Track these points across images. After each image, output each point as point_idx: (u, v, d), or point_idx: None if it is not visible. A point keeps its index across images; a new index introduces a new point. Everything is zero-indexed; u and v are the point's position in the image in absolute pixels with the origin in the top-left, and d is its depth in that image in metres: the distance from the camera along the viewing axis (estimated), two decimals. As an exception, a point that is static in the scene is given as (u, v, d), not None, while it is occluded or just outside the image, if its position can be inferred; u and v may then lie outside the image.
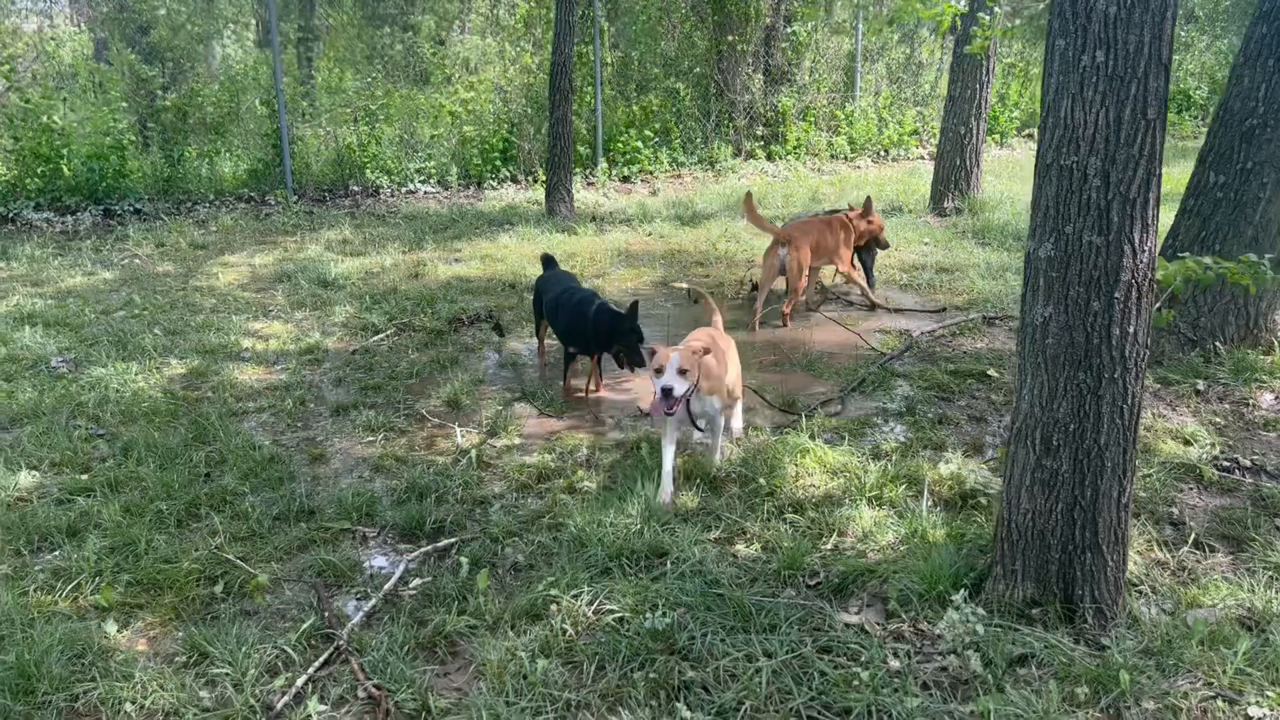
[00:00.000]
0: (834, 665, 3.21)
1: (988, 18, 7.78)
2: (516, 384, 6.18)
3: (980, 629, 3.29)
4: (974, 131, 11.06)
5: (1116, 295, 3.08)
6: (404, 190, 13.36)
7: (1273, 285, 5.71)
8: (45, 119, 11.62)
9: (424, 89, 15.61)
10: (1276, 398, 5.51)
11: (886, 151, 16.58)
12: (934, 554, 3.73)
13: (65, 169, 11.71)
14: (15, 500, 4.50)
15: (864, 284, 7.87)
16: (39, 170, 11.67)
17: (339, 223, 11.35)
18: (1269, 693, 2.99)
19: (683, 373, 4.37)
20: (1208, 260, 3.59)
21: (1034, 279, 3.23)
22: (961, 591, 3.47)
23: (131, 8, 13.88)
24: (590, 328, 5.70)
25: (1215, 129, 5.96)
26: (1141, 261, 3.07)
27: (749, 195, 7.80)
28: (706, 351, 4.60)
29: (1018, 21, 7.37)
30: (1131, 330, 3.12)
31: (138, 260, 9.52)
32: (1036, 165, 3.19)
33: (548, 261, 6.62)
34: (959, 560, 3.69)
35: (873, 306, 7.75)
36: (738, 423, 5.24)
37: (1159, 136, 3.01)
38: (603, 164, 14.35)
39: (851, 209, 7.88)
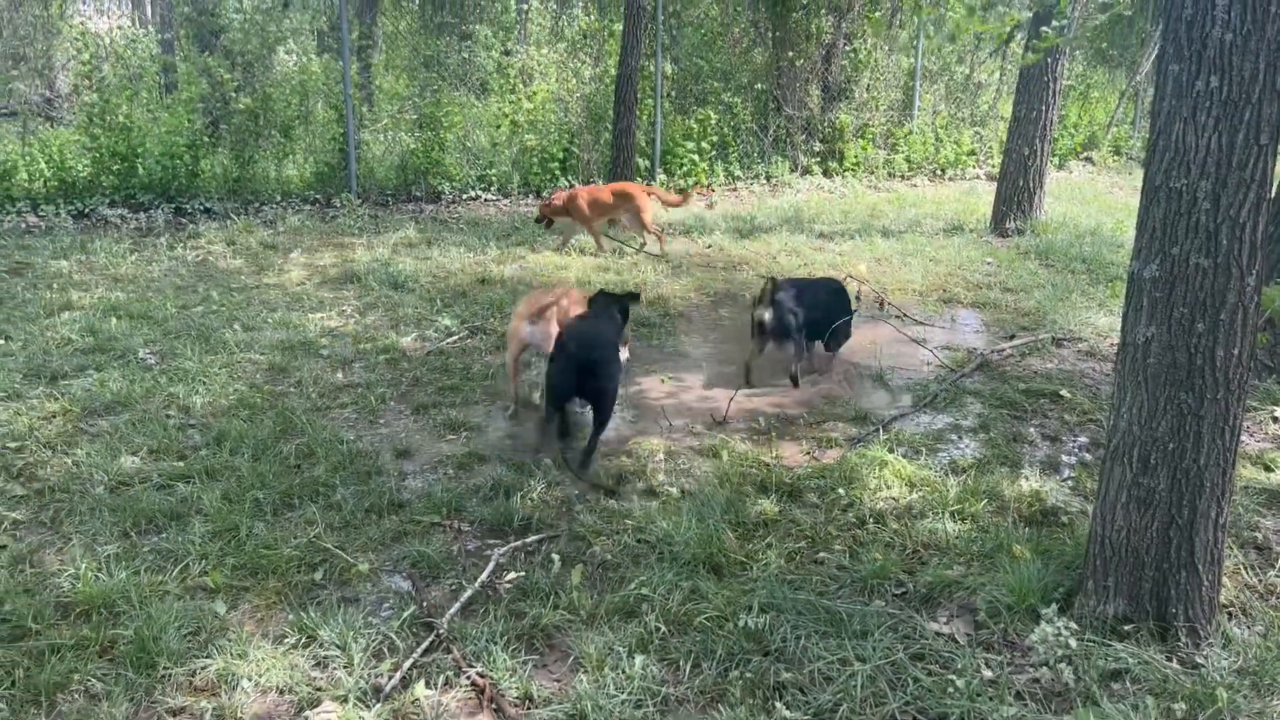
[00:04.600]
0: (927, 672, 3.27)
1: (1050, 31, 7.78)
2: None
3: (1073, 643, 3.33)
4: (1038, 153, 11.05)
5: (1222, 317, 3.12)
6: (465, 197, 13.55)
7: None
8: (123, 118, 11.94)
9: (483, 98, 15.84)
10: (1356, 427, 5.48)
11: (943, 171, 16.56)
12: (1021, 568, 3.77)
13: (140, 167, 12.01)
14: (118, 484, 4.66)
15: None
16: (114, 168, 11.98)
17: (403, 226, 11.53)
18: (1368, 716, 3.01)
19: None
20: (1307, 286, 3.62)
21: (1137, 299, 3.28)
22: (1052, 606, 3.51)
23: (209, 11, 14.21)
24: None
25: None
26: (1248, 285, 3.11)
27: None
28: None
29: (1074, 33, 7.36)
30: (1235, 352, 3.16)
31: (211, 258, 9.76)
32: (1144, 187, 3.24)
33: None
34: (1046, 575, 3.73)
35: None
36: None
37: (1270, 162, 3.05)
38: (660, 176, 14.47)
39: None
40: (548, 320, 5.56)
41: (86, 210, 11.55)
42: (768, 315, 6.15)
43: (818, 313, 6.39)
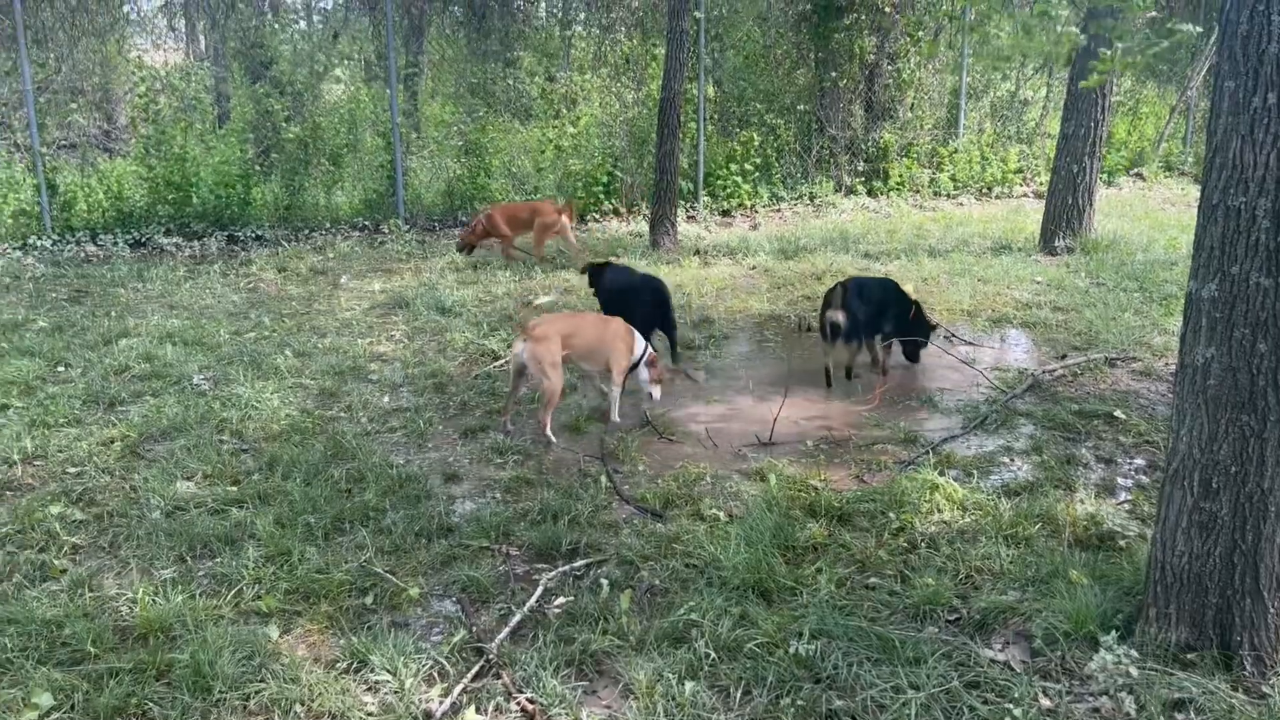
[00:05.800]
0: (983, 701, 3.21)
1: (1109, 52, 7.67)
2: (633, 412, 6.29)
3: (1134, 671, 3.26)
4: (1087, 170, 10.91)
5: (1285, 337, 3.05)
6: (510, 221, 13.68)
7: None
8: (178, 149, 12.22)
9: (527, 123, 16.00)
10: None
11: (989, 189, 16.39)
12: (1079, 594, 3.70)
13: (194, 196, 12.27)
14: (174, 509, 4.74)
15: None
16: (170, 197, 12.26)
17: (450, 251, 11.66)
18: None
19: None
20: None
21: (1195, 319, 3.22)
22: (1111, 633, 3.43)
23: (260, 43, 14.53)
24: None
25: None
26: (1312, 304, 3.03)
27: None
28: None
29: (1139, 56, 7.22)
30: (1299, 373, 3.08)
31: (262, 284, 9.93)
32: (1201, 205, 3.19)
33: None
34: (1105, 601, 3.66)
35: None
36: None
37: (1332, 178, 2.98)
38: (704, 198, 14.49)
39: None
40: (536, 341, 5.69)
41: (143, 239, 11.83)
42: (840, 318, 6.44)
43: (881, 309, 6.76)
